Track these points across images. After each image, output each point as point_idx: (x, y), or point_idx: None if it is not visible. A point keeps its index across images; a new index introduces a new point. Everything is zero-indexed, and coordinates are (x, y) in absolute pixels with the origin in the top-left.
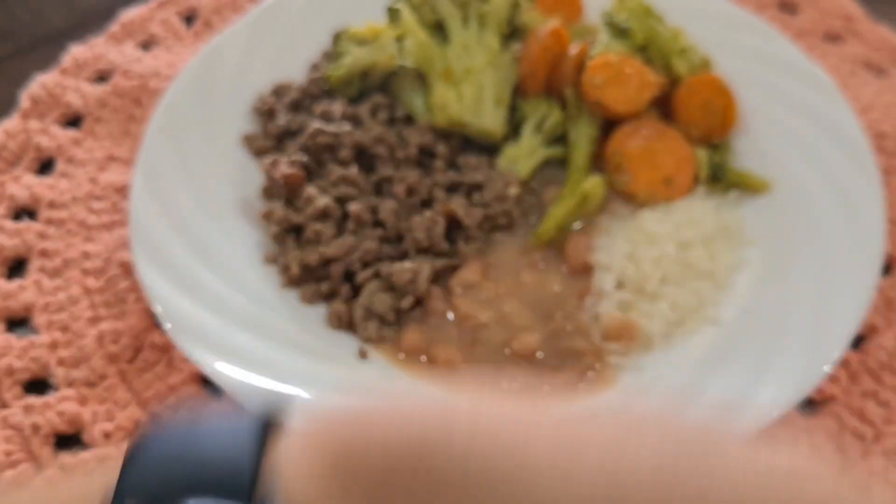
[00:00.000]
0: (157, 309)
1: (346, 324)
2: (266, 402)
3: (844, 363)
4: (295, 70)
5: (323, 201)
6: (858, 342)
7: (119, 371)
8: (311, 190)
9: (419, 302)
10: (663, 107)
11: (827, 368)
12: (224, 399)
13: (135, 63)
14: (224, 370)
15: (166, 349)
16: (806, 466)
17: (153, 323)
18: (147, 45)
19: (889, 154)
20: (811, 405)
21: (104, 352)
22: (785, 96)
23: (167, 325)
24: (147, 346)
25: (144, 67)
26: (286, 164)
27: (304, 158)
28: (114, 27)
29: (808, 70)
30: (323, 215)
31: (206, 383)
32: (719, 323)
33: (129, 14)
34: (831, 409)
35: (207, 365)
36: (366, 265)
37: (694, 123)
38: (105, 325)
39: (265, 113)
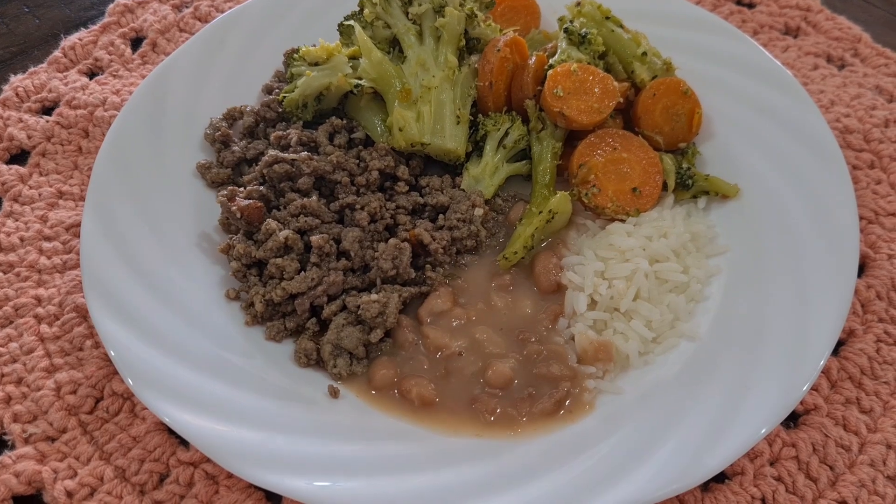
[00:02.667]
0: (115, 357)
1: (314, 361)
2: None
3: (825, 370)
4: (247, 91)
5: (283, 234)
6: (838, 347)
7: (79, 423)
8: (271, 223)
9: (388, 334)
10: (626, 113)
11: (807, 385)
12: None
13: (80, 91)
14: (187, 420)
15: (128, 396)
16: None
17: (113, 369)
18: (92, 71)
19: (856, 150)
20: (793, 418)
21: (62, 403)
22: (750, 97)
23: (125, 376)
24: (107, 394)
25: (90, 96)
26: (243, 197)
27: (262, 189)
28: (56, 54)
29: (773, 69)
30: (284, 249)
31: (173, 432)
32: (696, 337)
33: (72, 39)
34: (814, 420)
35: (169, 415)
36: (332, 298)
37: (659, 129)
38: (62, 375)
39: (218, 140)
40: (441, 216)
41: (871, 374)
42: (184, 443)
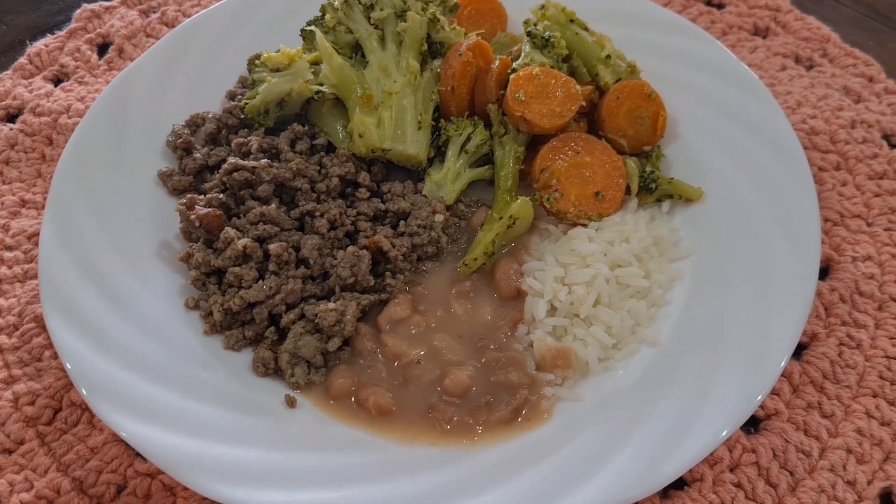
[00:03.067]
0: (70, 369)
1: (272, 370)
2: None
3: (787, 374)
4: (212, 97)
5: (242, 243)
6: (800, 351)
7: (37, 434)
8: (230, 231)
9: (347, 342)
10: (591, 117)
11: (767, 388)
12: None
13: (44, 98)
14: (143, 433)
15: (87, 406)
16: None
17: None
18: (58, 77)
19: (822, 151)
20: (754, 423)
21: (20, 415)
22: (714, 99)
23: (81, 389)
24: (66, 404)
25: (55, 102)
26: (203, 205)
27: (222, 196)
28: (22, 60)
29: (738, 71)
30: (243, 257)
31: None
32: (656, 343)
33: (37, 45)
34: (775, 426)
35: (125, 429)
36: (290, 307)
37: (622, 133)
38: (20, 386)
39: (180, 147)
40: (402, 222)
41: (833, 378)
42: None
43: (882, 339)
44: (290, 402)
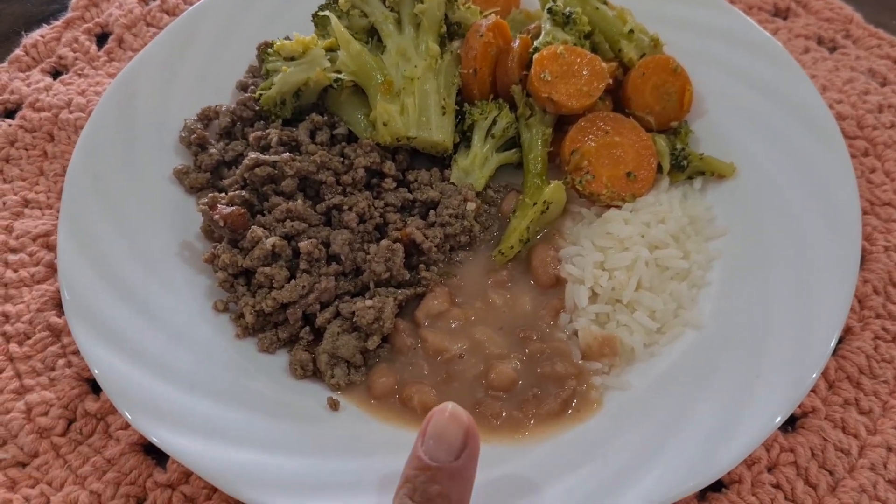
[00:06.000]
0: (98, 375)
1: (310, 372)
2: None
3: (823, 371)
4: (221, 88)
5: (270, 241)
6: (835, 346)
7: (52, 446)
8: (256, 230)
9: (386, 339)
10: (616, 94)
11: (818, 370)
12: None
13: (44, 93)
14: (187, 446)
15: (102, 416)
16: None
17: (86, 388)
18: (56, 70)
19: (850, 137)
20: (791, 421)
21: (34, 426)
22: (740, 71)
23: (121, 407)
24: (80, 414)
25: (55, 97)
26: (225, 203)
27: (244, 194)
28: (18, 52)
29: (761, 40)
30: (272, 256)
31: (149, 453)
32: (701, 325)
33: (33, 36)
34: (812, 424)
35: (157, 434)
36: (324, 305)
37: (650, 109)
38: (33, 396)
39: (194, 143)
40: (432, 212)
41: (870, 374)
42: (161, 464)
43: None
44: (334, 405)
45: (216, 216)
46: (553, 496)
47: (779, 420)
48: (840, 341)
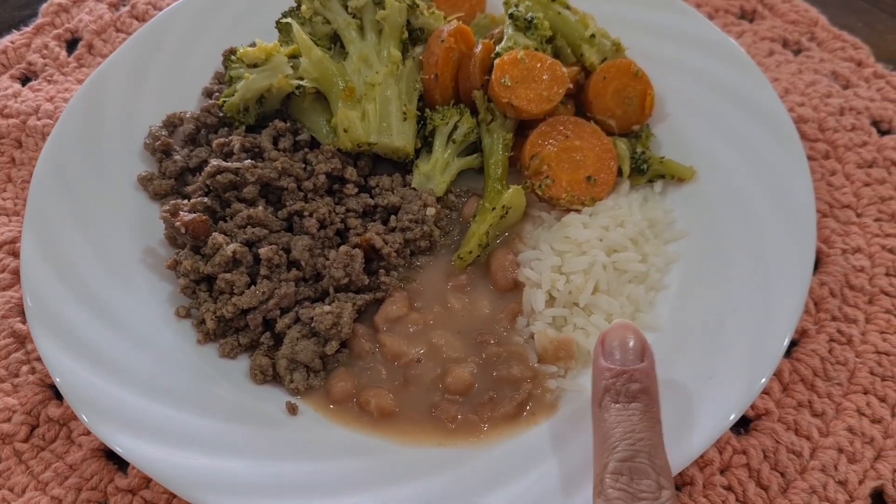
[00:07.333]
0: (59, 383)
1: (270, 377)
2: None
3: (777, 372)
4: (188, 95)
5: (231, 248)
6: (790, 348)
7: (14, 452)
8: (217, 237)
9: (345, 344)
10: (578, 98)
11: (771, 370)
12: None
13: (12, 99)
14: (144, 450)
15: (65, 422)
16: None
17: (49, 395)
18: (26, 76)
19: (811, 139)
20: (744, 423)
21: None
22: (703, 75)
23: (79, 412)
24: (43, 420)
25: (23, 104)
26: (187, 210)
27: (207, 200)
28: None
29: (724, 45)
30: (233, 263)
31: (110, 458)
32: (657, 328)
33: (3, 42)
34: (765, 426)
35: (116, 441)
36: (284, 311)
37: (611, 113)
38: None
39: (159, 150)
40: (393, 217)
41: (824, 376)
42: (122, 469)
43: (873, 335)
44: (292, 409)
45: (177, 223)
46: (508, 498)
47: (732, 418)
48: (795, 344)
